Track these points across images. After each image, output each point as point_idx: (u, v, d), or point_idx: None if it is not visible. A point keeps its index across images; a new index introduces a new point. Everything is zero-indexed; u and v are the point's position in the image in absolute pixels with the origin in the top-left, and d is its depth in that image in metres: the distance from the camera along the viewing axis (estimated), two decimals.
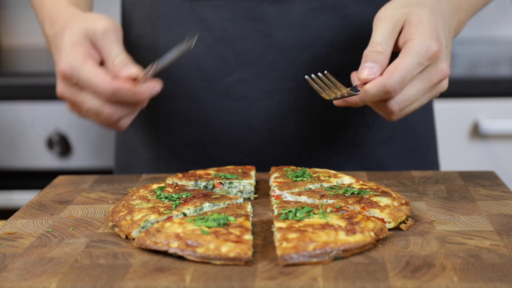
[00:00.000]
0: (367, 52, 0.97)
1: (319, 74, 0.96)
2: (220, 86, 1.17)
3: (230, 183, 0.99)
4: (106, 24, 1.01)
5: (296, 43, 1.14)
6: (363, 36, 1.05)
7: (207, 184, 0.99)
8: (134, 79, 0.98)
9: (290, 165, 1.14)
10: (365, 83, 0.95)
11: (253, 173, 1.03)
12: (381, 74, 0.95)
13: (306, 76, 0.97)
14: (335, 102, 0.97)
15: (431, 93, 1.00)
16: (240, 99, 1.17)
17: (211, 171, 1.03)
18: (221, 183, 0.99)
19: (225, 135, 1.19)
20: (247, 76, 1.16)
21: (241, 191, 0.99)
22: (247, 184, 0.99)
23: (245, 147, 1.18)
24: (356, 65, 0.99)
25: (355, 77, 0.97)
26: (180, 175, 1.01)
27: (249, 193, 1.00)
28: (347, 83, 0.98)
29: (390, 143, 1.23)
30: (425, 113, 1.27)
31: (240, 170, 1.03)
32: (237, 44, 1.14)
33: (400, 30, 0.98)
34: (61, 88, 1.00)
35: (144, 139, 1.27)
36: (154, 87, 0.98)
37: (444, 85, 1.01)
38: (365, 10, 1.15)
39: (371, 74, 0.95)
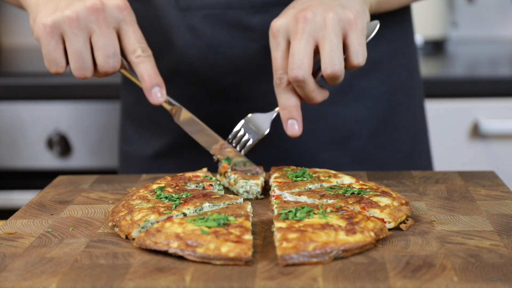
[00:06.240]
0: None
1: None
2: (213, 90, 1.21)
3: (219, 184, 0.99)
4: None
5: None
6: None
7: (197, 186, 0.99)
8: None
9: (284, 163, 1.14)
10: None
11: (262, 175, 1.03)
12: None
13: None
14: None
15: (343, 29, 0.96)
16: (234, 102, 1.21)
17: (200, 173, 1.03)
18: (211, 184, 0.99)
19: (221, 135, 1.20)
20: (238, 81, 1.19)
21: (247, 191, 1.00)
22: (253, 184, 1.00)
23: None
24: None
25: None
26: (168, 178, 1.01)
27: (255, 194, 1.00)
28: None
29: (378, 136, 1.25)
30: (412, 105, 1.29)
31: None
32: (226, 50, 1.18)
33: None
34: None
35: (146, 138, 1.28)
36: None
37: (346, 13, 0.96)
38: None
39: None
